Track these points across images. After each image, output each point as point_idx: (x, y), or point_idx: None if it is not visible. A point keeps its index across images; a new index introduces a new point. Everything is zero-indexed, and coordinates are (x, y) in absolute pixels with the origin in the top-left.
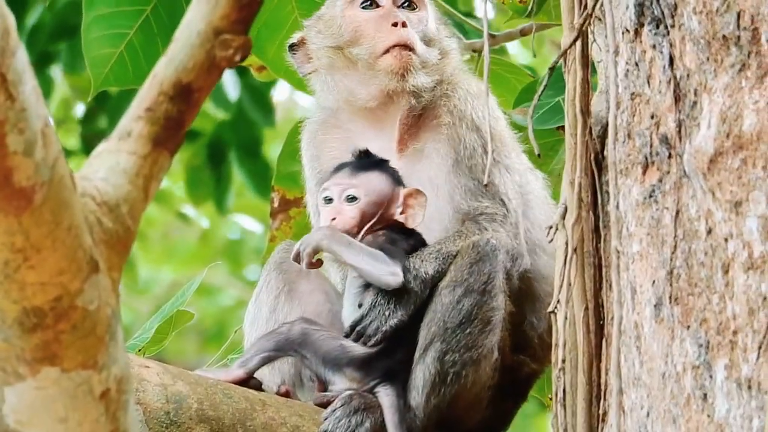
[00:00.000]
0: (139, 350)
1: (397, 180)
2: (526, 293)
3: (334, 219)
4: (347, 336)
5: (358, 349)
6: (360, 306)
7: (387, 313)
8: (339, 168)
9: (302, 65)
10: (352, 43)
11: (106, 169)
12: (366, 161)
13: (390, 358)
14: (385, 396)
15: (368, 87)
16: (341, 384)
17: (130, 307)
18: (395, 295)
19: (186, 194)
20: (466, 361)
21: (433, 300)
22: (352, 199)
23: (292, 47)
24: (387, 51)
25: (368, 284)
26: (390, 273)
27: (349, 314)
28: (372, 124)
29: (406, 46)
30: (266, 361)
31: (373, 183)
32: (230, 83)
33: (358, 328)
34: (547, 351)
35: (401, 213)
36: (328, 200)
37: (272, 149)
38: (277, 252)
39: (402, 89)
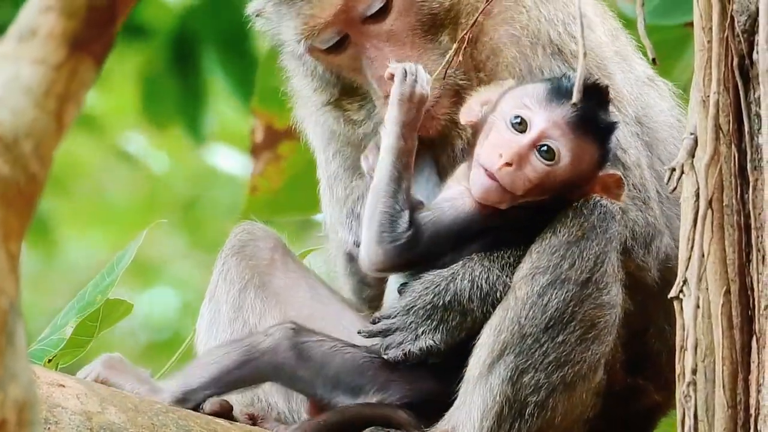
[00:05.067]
0: (50, 360)
1: (605, 160)
2: (652, 283)
3: (508, 164)
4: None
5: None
6: (400, 293)
7: (421, 329)
8: (557, 92)
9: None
10: None
11: (0, 86)
12: (592, 117)
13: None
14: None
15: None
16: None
17: (40, 296)
18: (444, 306)
19: (143, 116)
20: (555, 384)
21: (505, 295)
22: (548, 155)
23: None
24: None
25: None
26: (369, 246)
27: (389, 301)
28: None
29: None
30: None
31: (587, 157)
32: None
33: (378, 325)
34: None
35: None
36: (519, 125)
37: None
38: (234, 235)
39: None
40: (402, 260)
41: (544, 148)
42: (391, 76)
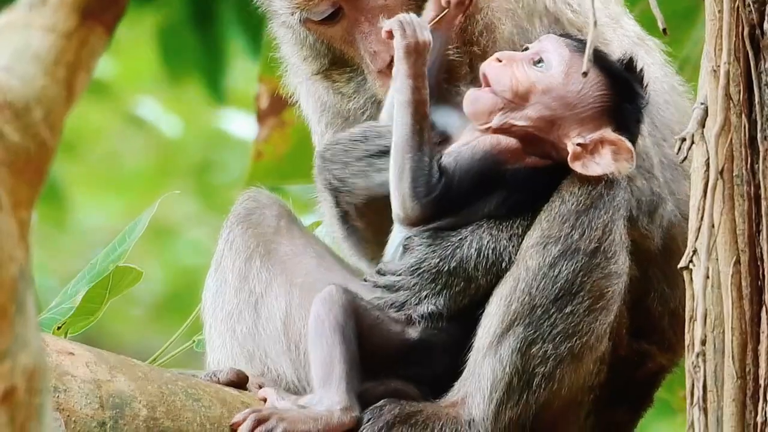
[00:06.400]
0: (59, 327)
1: (619, 114)
2: (655, 250)
3: (498, 60)
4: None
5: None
6: (405, 248)
7: (424, 292)
8: (576, 45)
9: None
10: None
11: (10, 53)
12: (607, 56)
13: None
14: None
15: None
16: None
17: (48, 262)
18: (449, 272)
19: (162, 73)
20: (562, 356)
21: (515, 263)
22: (539, 62)
23: None
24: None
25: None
26: (405, 202)
27: (389, 253)
28: None
29: None
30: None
31: (579, 77)
32: None
33: (383, 279)
34: (683, 335)
35: (575, 155)
36: (525, 49)
37: None
38: (240, 203)
39: None
40: (439, 209)
41: (537, 58)
42: (389, 35)
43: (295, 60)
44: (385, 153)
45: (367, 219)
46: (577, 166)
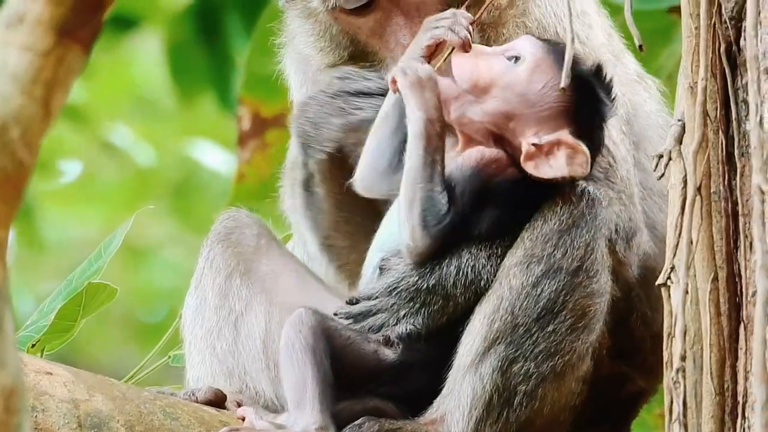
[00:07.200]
0: (34, 345)
1: (578, 117)
2: (632, 279)
3: (465, 51)
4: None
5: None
6: (381, 270)
7: (402, 312)
8: (555, 51)
9: None
10: None
11: None
12: (577, 65)
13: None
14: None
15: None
16: None
17: (29, 279)
18: (428, 289)
19: (171, 84)
20: (544, 374)
21: (497, 282)
22: (513, 60)
23: None
24: None
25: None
26: (414, 232)
27: (367, 275)
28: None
29: None
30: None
31: (551, 83)
32: None
33: (358, 307)
34: (663, 359)
35: (528, 154)
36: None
37: None
38: (220, 222)
39: None
40: (447, 240)
41: (510, 54)
42: (394, 83)
43: (310, 51)
44: (365, 94)
45: (328, 187)
46: (529, 167)
